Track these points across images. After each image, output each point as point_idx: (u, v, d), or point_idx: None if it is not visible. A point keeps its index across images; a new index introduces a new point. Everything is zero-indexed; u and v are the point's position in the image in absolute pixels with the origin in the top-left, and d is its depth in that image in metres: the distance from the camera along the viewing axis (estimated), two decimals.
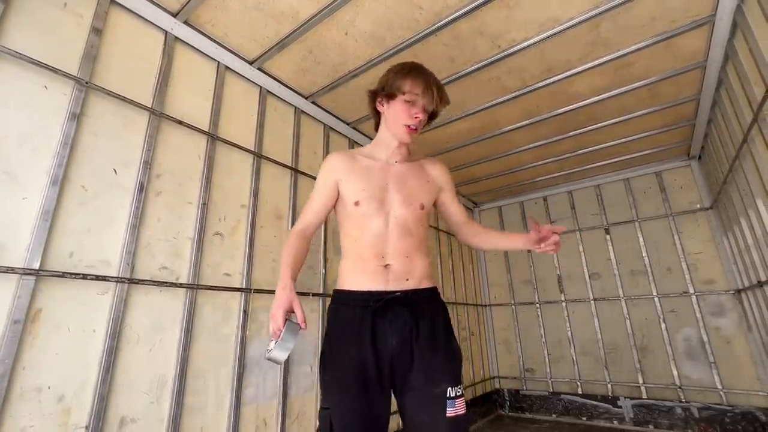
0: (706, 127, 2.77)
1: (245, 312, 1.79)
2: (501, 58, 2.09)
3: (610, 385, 3.40)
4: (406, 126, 1.20)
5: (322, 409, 1.08)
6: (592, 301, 3.65)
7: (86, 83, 1.42)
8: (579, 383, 3.56)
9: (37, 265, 1.19)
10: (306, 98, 2.40)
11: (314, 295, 2.19)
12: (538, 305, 3.97)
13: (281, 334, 0.96)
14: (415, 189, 1.26)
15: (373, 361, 1.07)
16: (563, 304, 3.81)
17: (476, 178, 3.82)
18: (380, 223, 1.19)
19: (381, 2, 1.74)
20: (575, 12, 1.82)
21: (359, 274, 1.17)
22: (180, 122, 1.72)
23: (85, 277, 1.30)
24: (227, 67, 2.00)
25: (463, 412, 1.05)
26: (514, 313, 4.12)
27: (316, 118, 2.53)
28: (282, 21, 1.82)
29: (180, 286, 1.57)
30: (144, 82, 1.64)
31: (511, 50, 2.04)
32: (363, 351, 1.08)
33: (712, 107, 2.50)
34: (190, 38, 1.83)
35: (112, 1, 1.57)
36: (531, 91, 2.39)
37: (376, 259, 1.16)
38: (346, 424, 1.02)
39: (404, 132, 1.22)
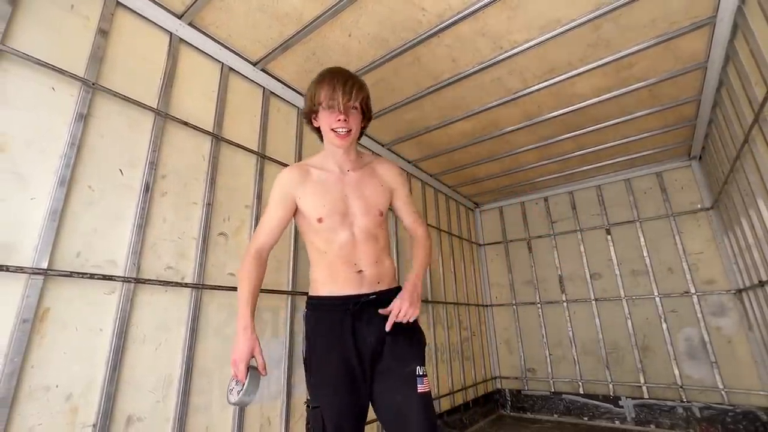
0: (706, 127, 2.78)
1: None
2: (503, 59, 2.10)
3: (611, 385, 3.41)
4: (334, 132, 1.23)
5: (313, 408, 1.16)
6: (593, 301, 3.66)
7: (93, 84, 1.43)
8: (580, 383, 3.57)
9: (45, 265, 1.20)
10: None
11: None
12: (539, 305, 3.98)
13: (245, 385, 1.06)
14: (372, 196, 1.30)
15: (356, 361, 1.16)
16: (564, 305, 3.82)
17: (477, 179, 3.84)
18: (346, 234, 1.24)
19: (384, 4, 1.75)
20: (577, 13, 1.84)
21: (333, 282, 1.24)
22: (185, 123, 1.73)
23: (92, 276, 1.31)
24: (231, 69, 2.02)
25: (429, 389, 1.15)
26: (516, 313, 4.13)
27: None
28: (285, 22, 1.83)
29: (185, 285, 1.58)
30: (149, 83, 1.65)
31: (513, 51, 2.05)
32: (346, 352, 1.16)
33: (713, 108, 2.51)
34: (195, 40, 1.84)
35: (118, 3, 1.58)
36: (532, 92, 2.41)
37: (347, 267, 1.23)
38: (338, 419, 1.12)
39: (334, 138, 1.24)
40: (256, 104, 2.15)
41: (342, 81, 1.20)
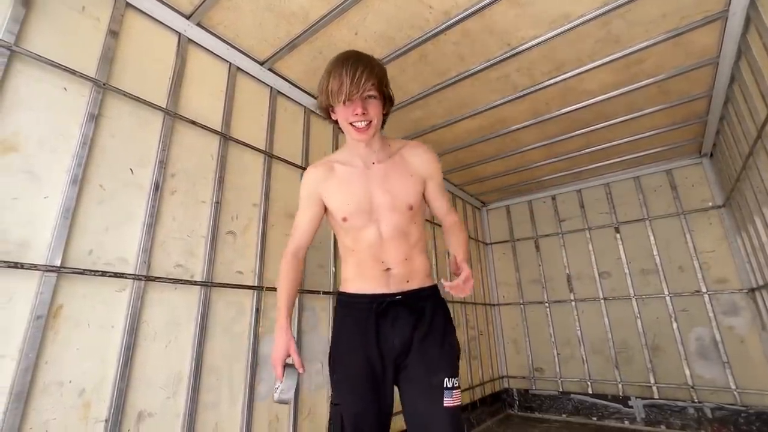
0: (718, 124, 2.74)
1: (257, 309, 1.81)
2: (511, 56, 2.09)
3: (620, 385, 3.38)
4: (352, 126, 1.14)
5: (333, 404, 1.14)
6: (602, 300, 3.62)
7: (103, 85, 1.45)
8: (589, 383, 3.54)
9: (58, 263, 1.22)
10: (316, 98, 2.42)
11: (324, 293, 2.20)
12: (547, 305, 3.95)
13: (283, 382, 1.10)
14: (401, 190, 1.20)
15: (378, 361, 1.12)
16: (573, 304, 3.79)
17: (484, 177, 3.82)
18: (373, 232, 1.18)
19: (391, 2, 1.75)
20: (585, 9, 1.82)
21: (361, 278, 1.20)
22: (193, 122, 1.75)
23: (103, 274, 1.32)
24: (239, 68, 2.03)
25: (458, 403, 1.08)
26: (523, 312, 4.10)
27: (325, 118, 2.54)
28: (293, 22, 1.84)
29: (194, 283, 1.60)
30: (158, 84, 1.67)
31: (521, 48, 2.03)
32: (369, 351, 1.13)
33: (725, 104, 2.47)
34: (203, 40, 1.86)
35: (128, 4, 1.60)
36: (540, 89, 2.39)
37: (376, 264, 1.18)
38: (355, 419, 1.09)
39: (354, 132, 1.15)
40: (264, 103, 2.16)
41: (352, 71, 1.08)
